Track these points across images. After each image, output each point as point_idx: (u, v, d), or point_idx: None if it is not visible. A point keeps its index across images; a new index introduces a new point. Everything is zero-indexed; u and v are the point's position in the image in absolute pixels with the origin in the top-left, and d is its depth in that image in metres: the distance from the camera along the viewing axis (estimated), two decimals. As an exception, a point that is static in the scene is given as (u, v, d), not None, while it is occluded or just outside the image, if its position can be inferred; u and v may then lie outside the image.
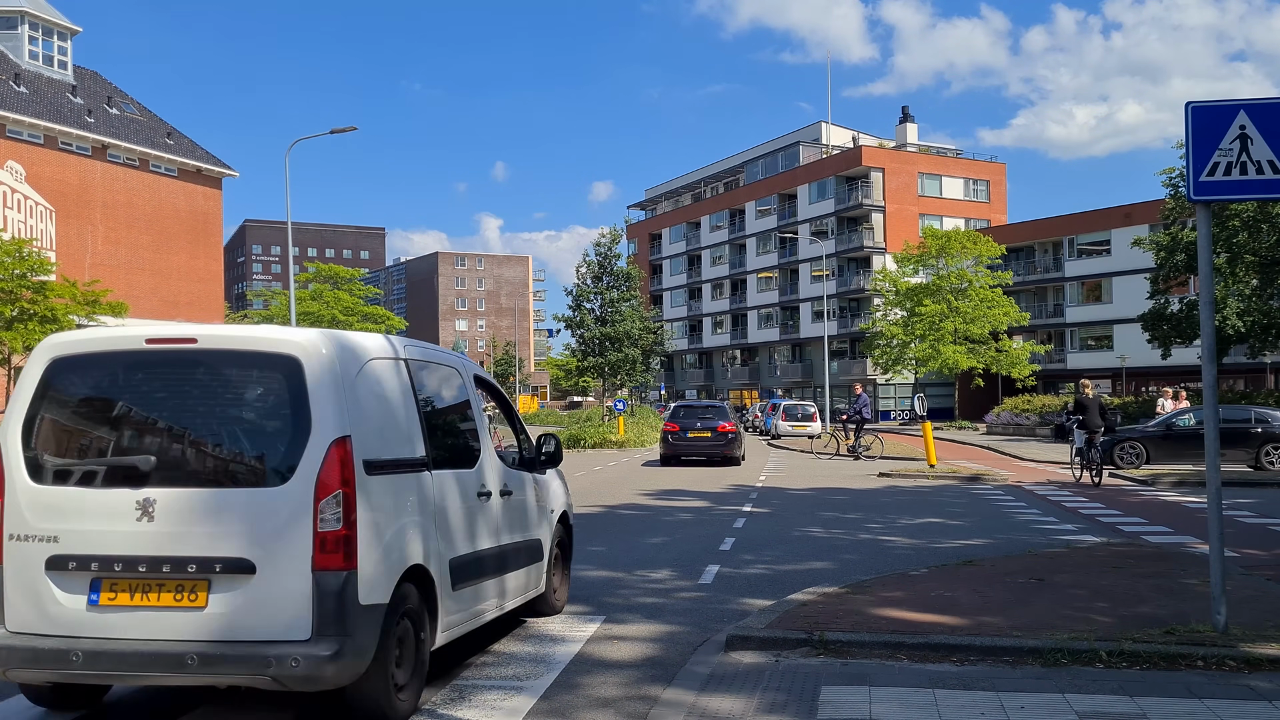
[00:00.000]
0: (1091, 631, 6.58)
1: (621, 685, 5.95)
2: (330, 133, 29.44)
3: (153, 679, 4.94)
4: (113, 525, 4.93)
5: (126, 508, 4.91)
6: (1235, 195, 6.69)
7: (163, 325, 5.40)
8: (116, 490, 4.98)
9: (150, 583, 4.87)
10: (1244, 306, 34.39)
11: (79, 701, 5.53)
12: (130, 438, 5.17)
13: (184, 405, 5.26)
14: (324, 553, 4.84)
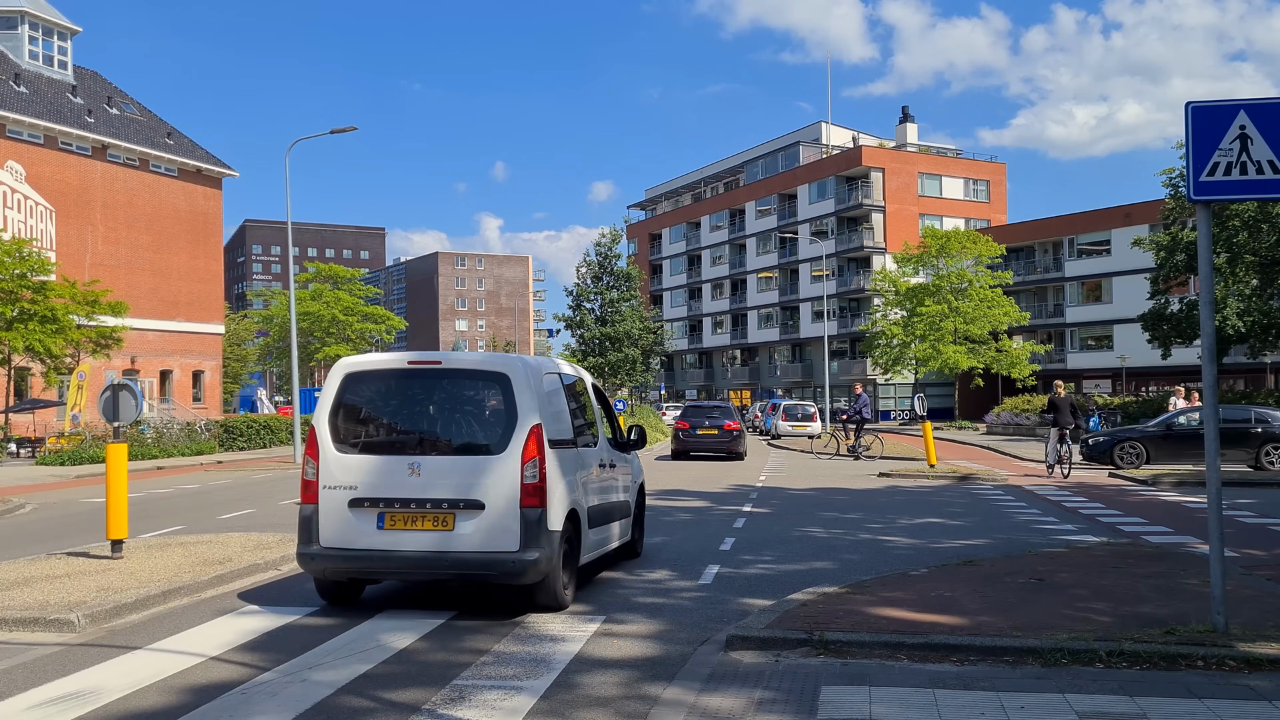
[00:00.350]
0: (1091, 631, 6.58)
1: (621, 685, 5.95)
2: (330, 133, 29.41)
3: (417, 575, 7.99)
4: (393, 479, 7.74)
5: (402, 468, 7.74)
6: (1235, 195, 6.69)
7: (418, 354, 8.48)
8: (395, 457, 7.86)
9: (417, 515, 7.68)
10: (1244, 306, 34.38)
11: (349, 598, 8.30)
12: (403, 423, 8.26)
13: (434, 403, 8.23)
14: (527, 496, 7.54)
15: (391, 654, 6.66)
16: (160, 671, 6.25)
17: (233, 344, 70.15)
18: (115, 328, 34.36)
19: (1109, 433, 26.07)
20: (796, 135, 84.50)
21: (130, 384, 10.63)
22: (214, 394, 50.20)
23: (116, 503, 10.01)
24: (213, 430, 34.35)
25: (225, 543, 11.11)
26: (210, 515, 15.37)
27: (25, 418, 36.15)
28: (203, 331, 48.83)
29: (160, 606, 8.23)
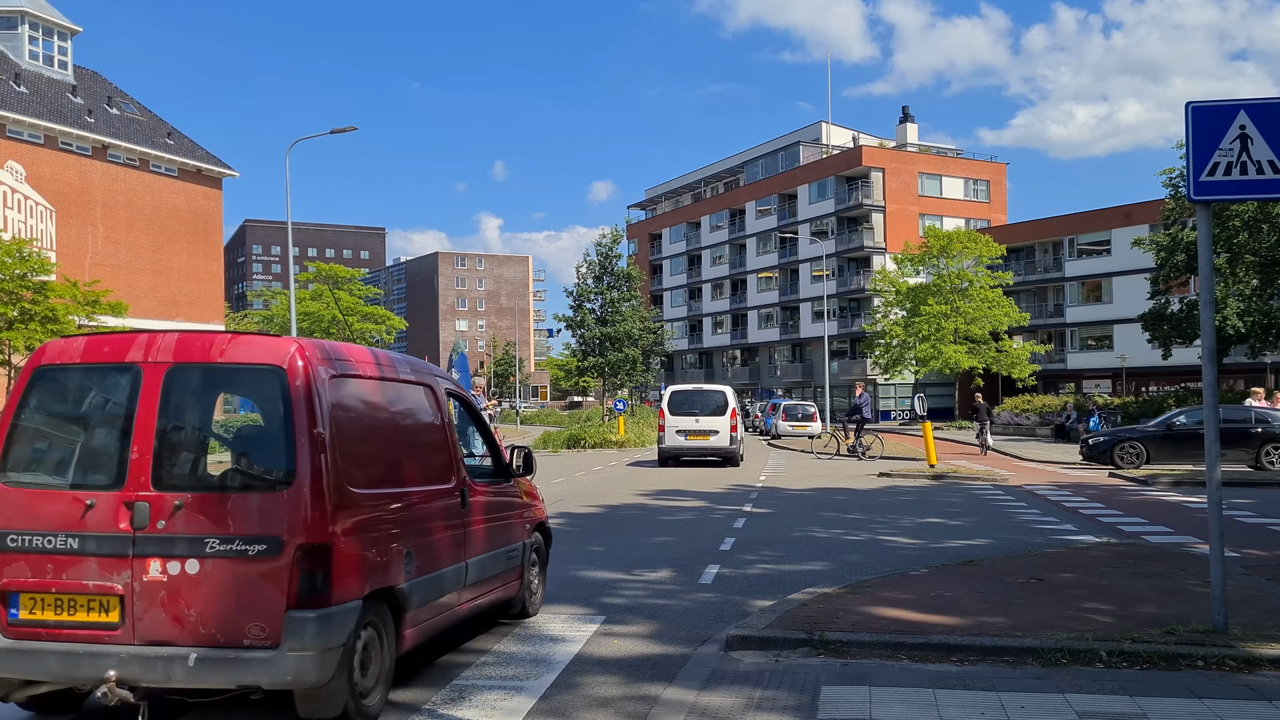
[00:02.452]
0: (1091, 631, 6.58)
1: (621, 685, 5.95)
2: (330, 133, 29.46)
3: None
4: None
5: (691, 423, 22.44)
6: (1235, 195, 6.69)
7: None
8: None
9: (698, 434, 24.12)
10: (1244, 306, 34.38)
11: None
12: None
13: None
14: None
15: (392, 654, 6.65)
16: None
17: (233, 344, 70.06)
18: (115, 328, 34.35)
19: (1109, 433, 26.07)
20: (796, 135, 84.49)
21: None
22: (214, 394, 50.17)
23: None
24: (213, 430, 34.32)
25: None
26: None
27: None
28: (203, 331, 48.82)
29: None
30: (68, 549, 4.96)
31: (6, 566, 5.01)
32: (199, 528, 4.94)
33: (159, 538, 4.93)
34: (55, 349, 5.51)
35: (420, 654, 6.64)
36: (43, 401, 5.44)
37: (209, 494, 5.09)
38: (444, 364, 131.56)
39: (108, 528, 4.96)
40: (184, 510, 4.99)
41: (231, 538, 4.91)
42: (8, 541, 5.00)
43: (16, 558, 5.00)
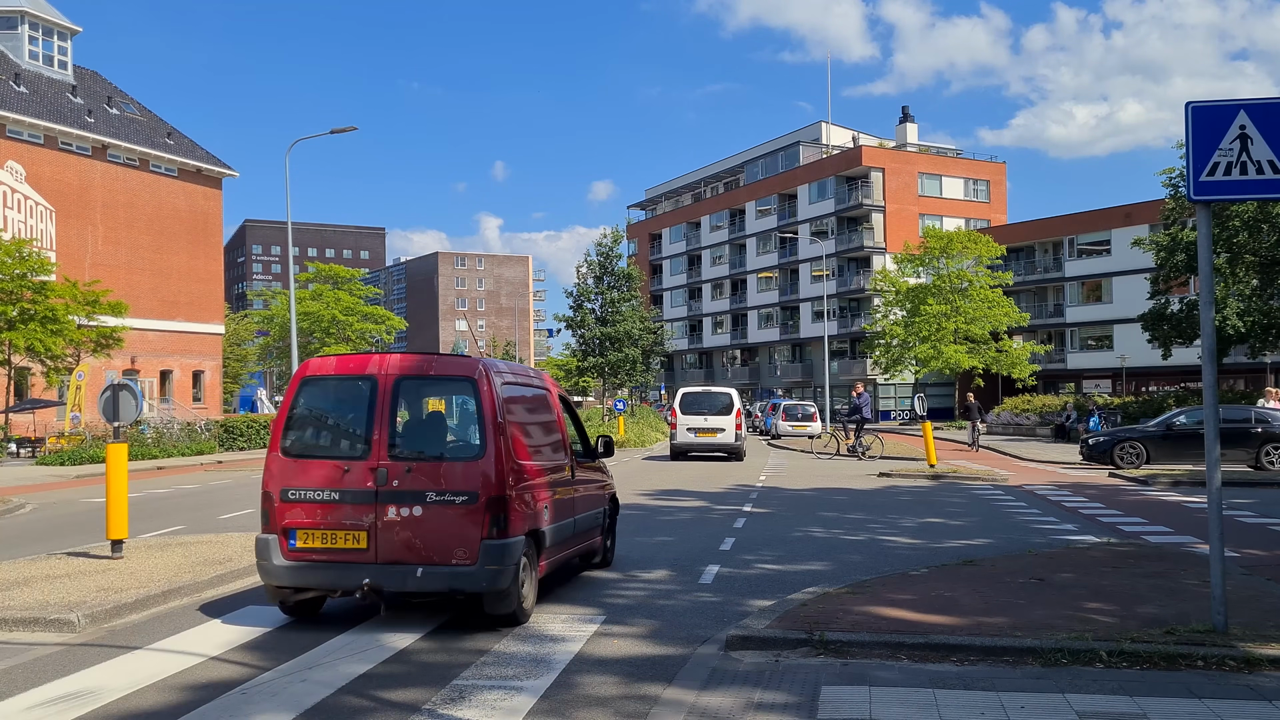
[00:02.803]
0: (1091, 631, 6.58)
1: (621, 685, 5.95)
2: (330, 133, 29.47)
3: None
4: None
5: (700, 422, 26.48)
6: (1235, 195, 6.69)
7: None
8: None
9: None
10: (1244, 306, 34.38)
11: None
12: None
13: None
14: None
15: (391, 654, 6.66)
16: (160, 671, 6.25)
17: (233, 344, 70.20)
18: (115, 328, 34.36)
19: (1109, 433, 26.07)
20: (796, 135, 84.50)
21: (130, 384, 10.63)
22: (214, 394, 50.20)
23: (116, 503, 10.01)
24: (213, 430, 34.35)
25: (225, 543, 11.11)
26: (210, 515, 15.37)
27: (25, 418, 36.15)
28: (203, 331, 48.83)
29: (160, 606, 8.23)
30: (331, 500, 7.28)
31: (287, 512, 7.33)
32: (422, 485, 7.23)
33: (394, 492, 7.22)
34: (315, 365, 7.92)
35: (423, 652, 6.65)
36: (308, 401, 7.76)
37: (428, 463, 7.36)
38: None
39: (359, 485, 7.26)
40: (411, 473, 7.26)
41: (444, 492, 7.21)
42: (289, 495, 7.35)
43: (295, 505, 7.33)
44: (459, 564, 7.18)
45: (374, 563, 7.19)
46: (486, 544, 7.15)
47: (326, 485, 7.29)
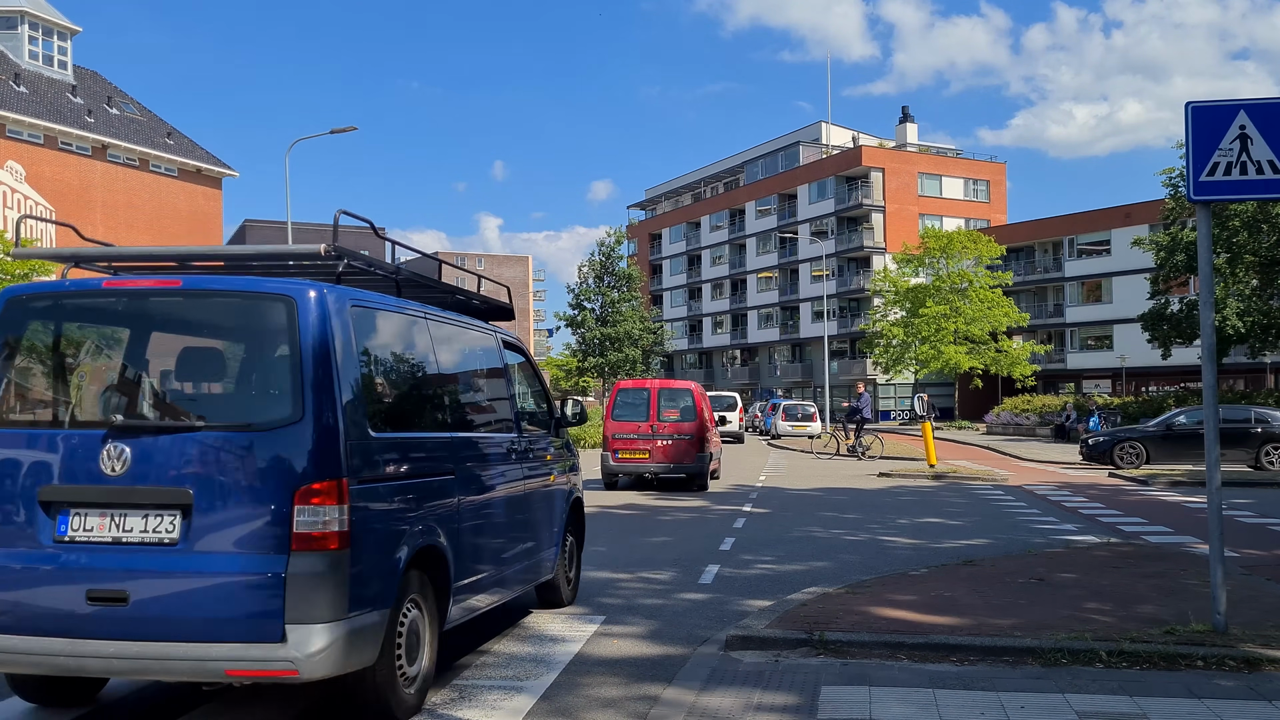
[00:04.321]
0: (1091, 631, 6.58)
1: (622, 685, 5.95)
2: (330, 133, 29.48)
3: None
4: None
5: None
6: (1235, 195, 6.69)
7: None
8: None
9: None
10: (1244, 306, 34.40)
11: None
12: None
13: None
14: None
15: (392, 654, 6.64)
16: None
17: (233, 344, 70.13)
18: (115, 328, 34.35)
19: (1109, 433, 26.09)
20: (796, 135, 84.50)
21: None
22: (214, 394, 50.20)
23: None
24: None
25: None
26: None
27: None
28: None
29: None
30: (633, 436, 18.82)
31: (613, 443, 18.93)
32: (676, 430, 18.78)
33: (660, 434, 18.75)
34: (624, 384, 20.97)
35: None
36: (620, 400, 19.49)
37: (674, 423, 18.87)
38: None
39: (644, 431, 18.80)
40: (669, 425, 18.81)
41: (685, 432, 18.78)
42: (615, 437, 18.89)
43: (618, 442, 18.88)
44: (687, 463, 18.65)
45: (652, 463, 18.75)
46: (698, 455, 18.76)
47: (633, 433, 18.82)
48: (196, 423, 4.87)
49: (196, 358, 5.34)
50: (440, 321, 6.35)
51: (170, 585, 4.62)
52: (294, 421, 4.70)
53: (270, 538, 4.61)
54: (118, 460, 4.72)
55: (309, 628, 4.54)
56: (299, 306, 4.86)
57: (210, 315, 5.29)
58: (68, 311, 5.33)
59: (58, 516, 4.77)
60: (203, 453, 4.71)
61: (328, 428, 4.72)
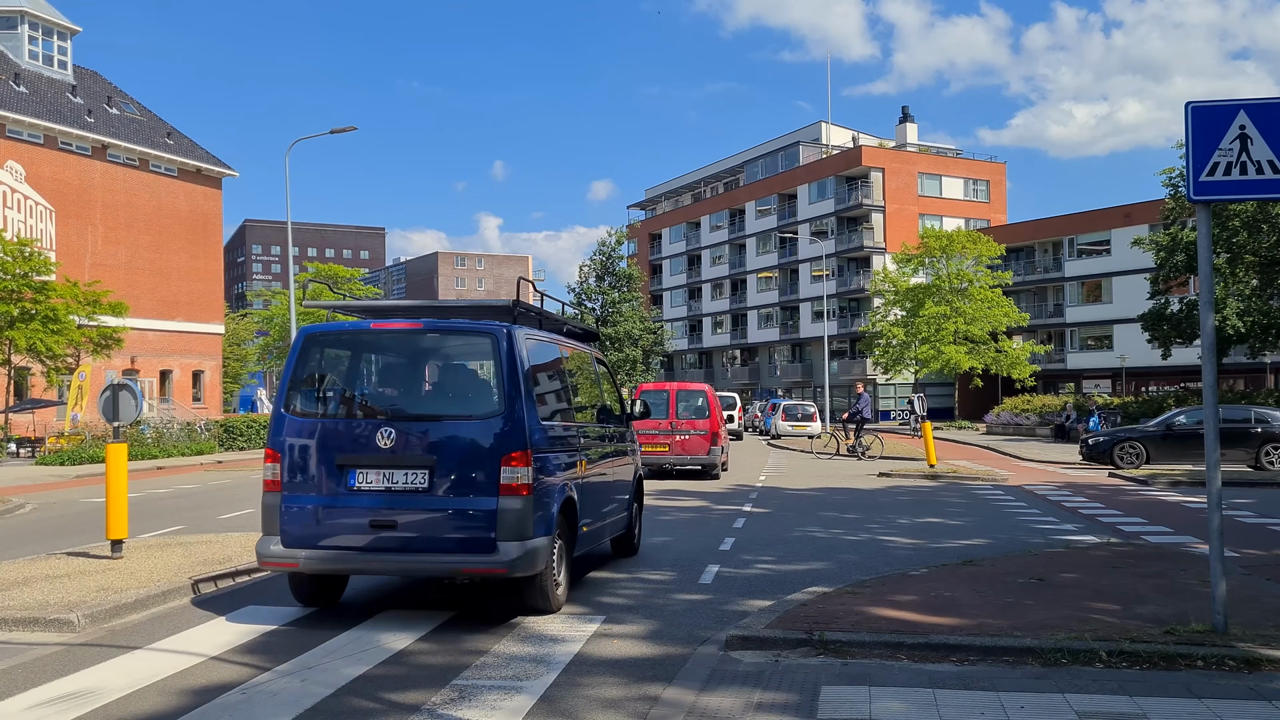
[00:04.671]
0: (1091, 631, 6.58)
1: (622, 685, 5.95)
2: (330, 133, 29.47)
3: None
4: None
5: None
6: (1235, 195, 6.69)
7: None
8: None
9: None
10: (1244, 306, 34.39)
11: None
12: None
13: None
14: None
15: (391, 654, 6.66)
16: (160, 672, 6.25)
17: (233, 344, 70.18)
18: (116, 328, 34.37)
19: (1109, 433, 26.08)
20: (796, 135, 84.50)
21: (130, 384, 10.62)
22: (214, 394, 50.21)
23: (116, 503, 10.01)
24: (213, 430, 34.37)
25: (225, 543, 11.11)
26: (210, 515, 15.37)
27: (25, 418, 36.15)
28: (203, 331, 48.83)
29: (160, 606, 8.23)
30: (654, 432, 20.99)
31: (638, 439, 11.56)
32: (691, 427, 21.48)
33: (679, 430, 21.39)
34: (645, 386, 23.15)
35: (423, 652, 6.67)
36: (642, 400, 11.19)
37: (690, 420, 21.54)
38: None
39: (664, 428, 21.22)
40: (686, 423, 21.49)
41: (700, 429, 21.47)
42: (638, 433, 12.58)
43: (641, 438, 15.39)
44: (702, 455, 21.30)
45: (671, 455, 21.25)
46: (712, 448, 21.43)
47: (651, 429, 20.71)
48: (436, 414, 7.75)
49: (434, 372, 8.41)
50: (566, 345, 9.27)
51: (422, 517, 7.35)
52: (498, 414, 7.40)
53: (486, 487, 7.27)
54: (387, 439, 7.41)
55: (511, 543, 7.20)
56: (498, 339, 7.56)
57: (442, 345, 8.24)
58: (346, 343, 8.20)
59: (349, 474, 7.47)
60: (441, 433, 7.44)
61: (519, 418, 7.37)
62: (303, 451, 7.61)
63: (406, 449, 7.38)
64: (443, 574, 7.57)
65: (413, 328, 7.98)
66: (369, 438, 7.46)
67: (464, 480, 7.31)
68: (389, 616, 7.79)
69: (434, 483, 7.32)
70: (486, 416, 7.45)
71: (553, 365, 8.66)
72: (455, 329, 8.07)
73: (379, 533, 7.35)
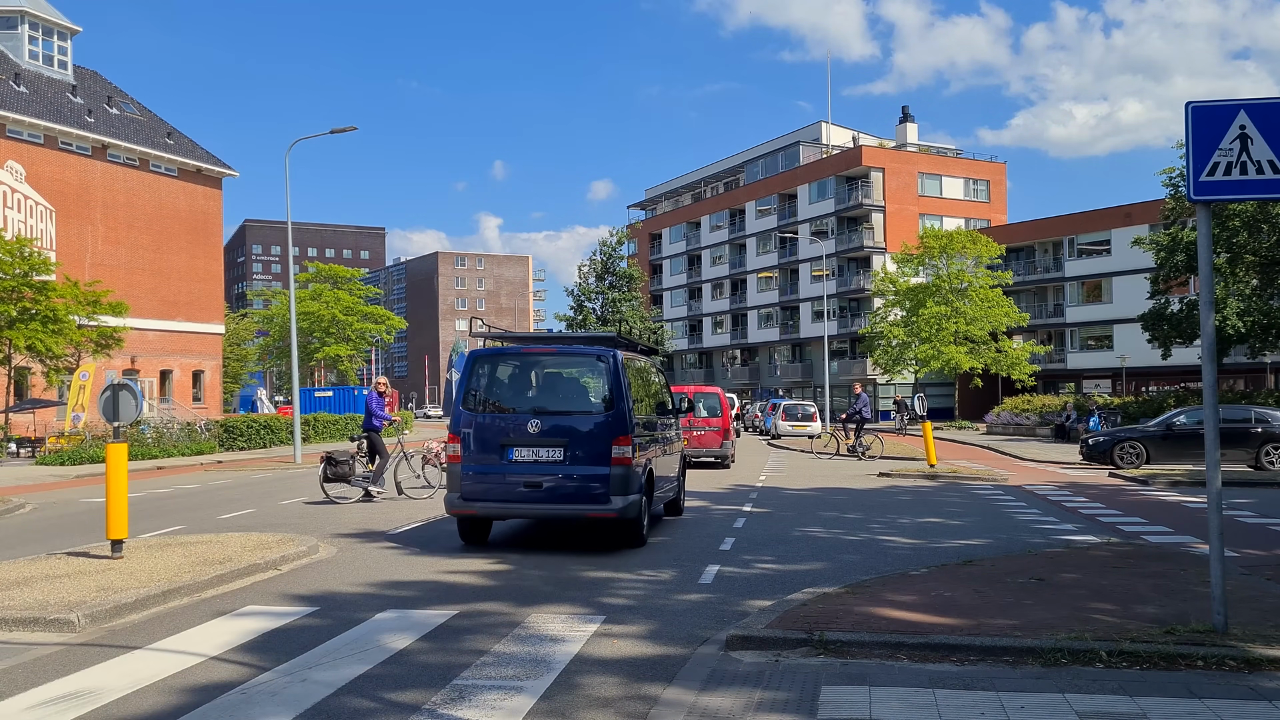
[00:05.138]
0: (1091, 631, 6.58)
1: (621, 685, 5.95)
2: (330, 133, 29.41)
3: None
4: None
5: None
6: (1235, 195, 6.68)
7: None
8: None
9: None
10: (1244, 306, 34.38)
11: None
12: None
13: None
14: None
15: (391, 654, 6.66)
16: (160, 671, 6.25)
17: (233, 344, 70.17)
18: (116, 328, 34.36)
19: (1109, 433, 26.07)
20: (796, 135, 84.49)
21: (130, 384, 10.63)
22: (214, 394, 50.21)
23: (116, 503, 10.01)
24: (213, 430, 34.36)
25: (225, 543, 11.11)
26: (210, 515, 15.37)
27: (25, 417, 36.15)
28: (203, 331, 48.84)
29: (160, 606, 8.23)
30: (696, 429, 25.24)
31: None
32: (706, 424, 24.61)
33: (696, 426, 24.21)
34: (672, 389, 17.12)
35: (423, 652, 6.67)
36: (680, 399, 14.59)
37: (705, 418, 24.48)
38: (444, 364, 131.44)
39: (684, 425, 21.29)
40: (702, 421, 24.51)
41: (714, 426, 24.69)
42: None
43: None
44: (715, 449, 24.60)
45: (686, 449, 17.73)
46: (724, 442, 24.83)
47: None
48: (568, 410, 10.95)
49: (565, 381, 11.57)
50: (643, 360, 13.00)
51: (559, 479, 10.65)
52: (609, 409, 10.77)
53: (602, 459, 10.59)
54: (535, 427, 10.69)
55: (618, 498, 10.58)
56: (608, 358, 10.96)
57: (571, 362, 11.64)
58: (505, 361, 11.61)
59: (509, 450, 10.77)
60: (571, 422, 10.76)
61: (623, 412, 10.73)
62: (475, 435, 10.93)
63: (548, 434, 10.69)
64: (573, 518, 11.22)
65: (549, 351, 11.86)
66: (522, 426, 10.77)
67: (587, 455, 10.65)
68: (389, 616, 7.79)
69: (567, 456, 10.68)
70: (601, 411, 10.82)
71: (639, 375, 12.04)
72: (579, 351, 11.63)
73: (530, 490, 10.70)
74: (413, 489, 17.63)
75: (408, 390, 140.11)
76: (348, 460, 16.51)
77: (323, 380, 76.14)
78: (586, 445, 10.64)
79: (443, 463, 18.08)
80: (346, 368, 73.39)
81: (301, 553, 10.63)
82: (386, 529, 13.13)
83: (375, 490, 16.77)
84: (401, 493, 17.20)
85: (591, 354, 11.20)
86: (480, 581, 9.33)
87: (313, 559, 10.63)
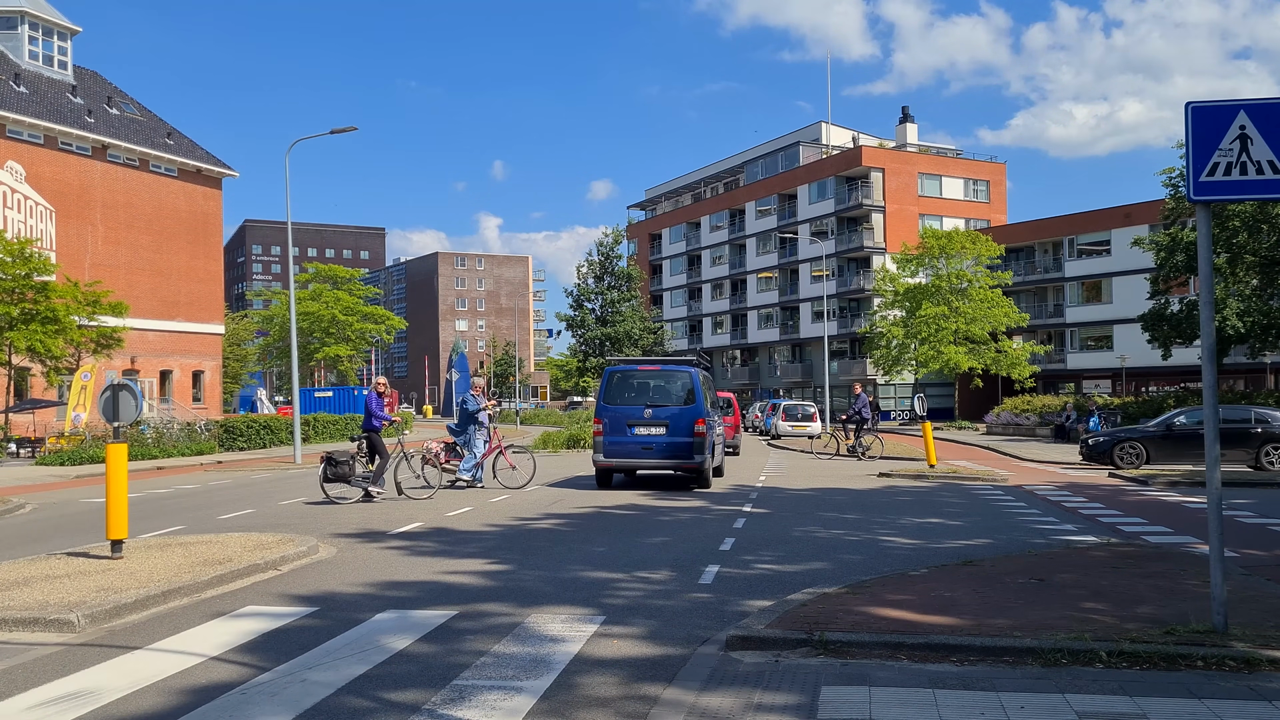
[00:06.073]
0: (1091, 631, 6.58)
1: (621, 685, 5.95)
2: (330, 133, 29.41)
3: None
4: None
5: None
6: (1235, 195, 6.68)
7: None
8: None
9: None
10: (1244, 306, 34.38)
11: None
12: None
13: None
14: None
15: (391, 654, 6.66)
16: (160, 672, 6.25)
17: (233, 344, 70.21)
18: (116, 328, 34.37)
19: (1109, 433, 26.06)
20: (796, 135, 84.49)
21: (130, 384, 10.63)
22: (214, 394, 50.22)
23: (116, 503, 10.01)
24: (212, 430, 34.36)
25: (225, 543, 11.11)
26: (210, 515, 15.37)
27: (25, 418, 36.15)
28: (203, 331, 48.84)
29: (160, 606, 8.23)
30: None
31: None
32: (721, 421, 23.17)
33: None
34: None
35: (423, 652, 6.67)
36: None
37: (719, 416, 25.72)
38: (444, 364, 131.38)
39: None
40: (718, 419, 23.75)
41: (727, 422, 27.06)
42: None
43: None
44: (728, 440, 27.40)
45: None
46: (734, 436, 29.80)
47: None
48: (667, 404, 18.34)
49: (664, 386, 18.72)
50: (705, 374, 20.06)
51: (664, 443, 18.18)
52: (690, 403, 18.21)
53: (689, 432, 18.10)
54: (648, 414, 18.24)
55: (699, 455, 18.08)
56: (692, 372, 18.77)
57: (667, 375, 18.92)
58: (629, 372, 19.03)
59: (631, 429, 18.26)
60: (669, 413, 18.24)
61: (700, 405, 18.24)
62: (611, 420, 18.19)
63: (655, 418, 18.03)
64: (672, 468, 18.39)
65: (654, 367, 19.19)
66: (639, 413, 18.11)
67: (680, 430, 17.96)
68: (389, 617, 7.79)
69: (668, 431, 18.03)
70: (688, 404, 18.08)
71: (706, 383, 19.25)
72: (672, 368, 18.98)
73: (645, 451, 18.04)
74: (412, 489, 17.63)
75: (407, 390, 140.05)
76: (348, 460, 16.51)
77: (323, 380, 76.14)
78: (679, 424, 17.93)
79: (443, 463, 18.31)
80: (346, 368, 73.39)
81: (301, 553, 10.63)
82: (386, 529, 13.13)
83: (375, 490, 16.77)
84: (401, 493, 17.20)
85: (681, 369, 18.66)
86: (480, 582, 9.33)
87: (312, 559, 10.63)
